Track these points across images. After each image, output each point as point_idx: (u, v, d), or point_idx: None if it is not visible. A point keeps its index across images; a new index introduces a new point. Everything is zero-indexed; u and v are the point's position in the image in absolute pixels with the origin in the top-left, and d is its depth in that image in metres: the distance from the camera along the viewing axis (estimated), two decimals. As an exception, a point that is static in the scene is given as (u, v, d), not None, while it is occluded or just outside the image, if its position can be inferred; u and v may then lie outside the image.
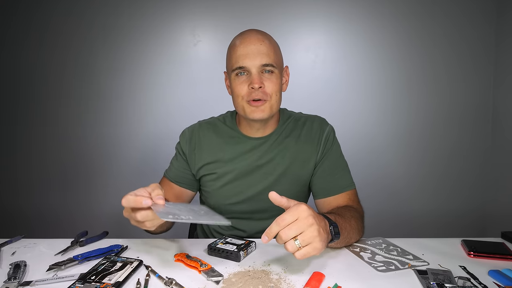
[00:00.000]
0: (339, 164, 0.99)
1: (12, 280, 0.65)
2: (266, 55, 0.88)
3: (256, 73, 0.87)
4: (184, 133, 1.04)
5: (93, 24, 1.88)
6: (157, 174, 1.18)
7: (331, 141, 1.00)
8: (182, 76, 1.91)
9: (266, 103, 0.89)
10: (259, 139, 0.98)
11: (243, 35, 0.92)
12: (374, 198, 1.92)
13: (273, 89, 0.89)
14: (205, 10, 1.87)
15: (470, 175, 1.91)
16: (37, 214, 1.99)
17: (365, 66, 1.89)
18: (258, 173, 0.97)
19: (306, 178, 1.00)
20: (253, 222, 1.01)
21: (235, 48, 0.90)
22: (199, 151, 1.00)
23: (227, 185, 0.98)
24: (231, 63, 0.91)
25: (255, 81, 0.86)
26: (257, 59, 0.87)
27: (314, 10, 1.85)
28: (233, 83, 0.91)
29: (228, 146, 0.99)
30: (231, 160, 0.98)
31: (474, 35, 1.85)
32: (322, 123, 1.02)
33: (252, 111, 0.90)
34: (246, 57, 0.87)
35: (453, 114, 1.89)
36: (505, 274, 0.69)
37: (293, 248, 0.61)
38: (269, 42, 0.90)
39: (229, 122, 1.03)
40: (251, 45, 0.88)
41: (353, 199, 0.95)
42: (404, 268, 0.72)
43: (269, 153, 0.98)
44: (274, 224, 0.62)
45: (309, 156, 0.98)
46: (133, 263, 0.71)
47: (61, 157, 1.96)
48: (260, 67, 0.88)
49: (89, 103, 1.93)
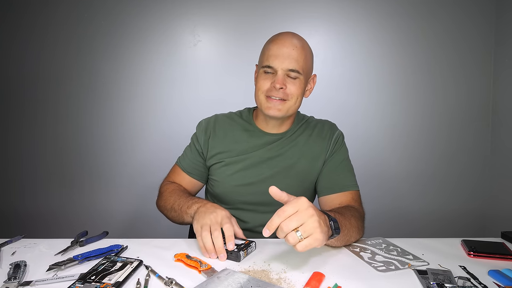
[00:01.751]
0: (344, 165, 1.03)
1: (12, 280, 0.65)
2: (295, 61, 0.91)
3: (281, 75, 0.91)
4: (200, 123, 1.09)
5: (93, 24, 1.88)
6: (157, 174, 1.18)
7: (340, 143, 1.05)
8: (182, 76, 1.91)
9: (285, 103, 0.93)
10: (274, 135, 1.02)
11: (280, 36, 0.95)
12: (374, 198, 1.92)
13: (294, 92, 0.93)
14: (205, 10, 1.87)
15: (470, 175, 1.91)
16: (37, 214, 1.99)
17: (365, 67, 1.89)
18: (267, 166, 1.01)
19: (314, 176, 1.02)
20: (257, 214, 1.02)
21: (270, 46, 0.94)
22: (213, 140, 1.04)
23: (235, 174, 1.01)
24: (262, 59, 0.96)
25: (278, 81, 0.91)
26: (285, 63, 0.91)
27: (314, 10, 1.86)
28: (259, 77, 0.96)
29: (242, 138, 1.03)
30: (243, 151, 1.02)
31: (474, 35, 1.85)
32: (333, 126, 1.09)
33: (268, 107, 0.94)
34: (276, 58, 0.91)
35: (454, 114, 1.89)
36: (505, 274, 0.69)
37: (295, 240, 0.61)
38: (302, 49, 0.93)
39: (246, 117, 1.08)
40: (284, 48, 0.91)
41: (356, 199, 0.96)
42: (404, 268, 0.72)
43: (280, 148, 1.02)
44: (275, 216, 0.62)
45: (319, 153, 1.02)
46: (133, 263, 0.71)
47: (61, 157, 1.96)
48: (286, 70, 0.91)
49: (89, 103, 1.93)
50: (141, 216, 1.94)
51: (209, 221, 0.79)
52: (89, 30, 1.89)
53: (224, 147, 1.03)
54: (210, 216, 0.80)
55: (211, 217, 0.80)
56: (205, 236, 0.76)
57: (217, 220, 0.79)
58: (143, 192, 1.91)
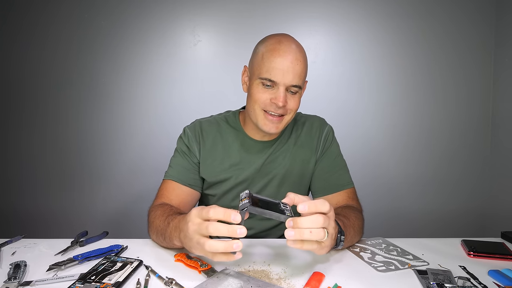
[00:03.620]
0: (337, 163, 1.00)
1: (12, 280, 0.65)
2: (298, 77, 0.85)
3: (282, 91, 0.85)
4: (185, 132, 1.00)
5: (93, 24, 1.88)
6: (157, 174, 1.17)
7: (330, 140, 1.01)
8: (182, 76, 1.91)
9: (283, 119, 0.89)
10: (265, 143, 0.98)
11: (282, 46, 0.85)
12: (375, 198, 1.92)
13: (294, 107, 0.88)
14: (205, 10, 1.87)
15: (470, 175, 1.91)
16: (37, 214, 1.99)
17: (365, 67, 1.89)
18: (261, 176, 0.98)
19: (308, 178, 1.01)
20: (258, 221, 1.01)
21: (270, 56, 0.84)
22: (203, 150, 0.97)
23: (232, 190, 0.98)
24: (260, 69, 0.86)
25: (280, 99, 0.84)
26: (289, 78, 0.84)
27: (314, 11, 1.86)
28: (255, 88, 0.88)
29: (234, 147, 0.98)
30: (236, 163, 0.97)
31: (474, 36, 1.85)
32: (321, 123, 1.03)
33: (265, 123, 0.88)
34: (279, 72, 0.83)
35: (453, 114, 1.89)
36: (505, 274, 0.69)
37: (321, 236, 0.57)
38: (304, 61, 0.87)
39: (233, 122, 1.01)
40: (287, 62, 0.83)
41: (352, 197, 0.96)
42: (404, 268, 0.72)
43: (272, 156, 0.98)
44: (312, 204, 0.58)
45: (309, 155, 0.99)
46: (133, 263, 0.71)
47: (61, 157, 1.96)
48: (289, 86, 0.85)
49: (89, 103, 1.93)
50: (141, 216, 1.93)
51: (192, 232, 0.61)
52: (90, 30, 1.89)
53: (215, 157, 0.97)
54: (189, 228, 0.62)
55: (190, 228, 0.62)
56: (206, 244, 0.59)
57: (197, 221, 0.61)
58: (144, 192, 1.91)
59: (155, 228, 0.80)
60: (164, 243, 0.79)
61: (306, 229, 0.57)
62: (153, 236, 0.83)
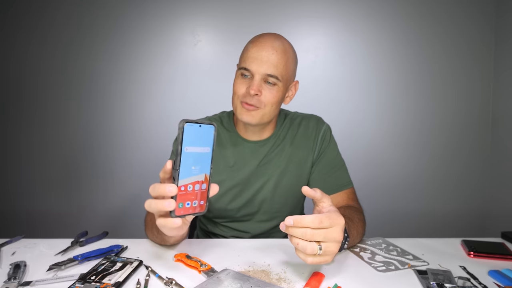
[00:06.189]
0: (336, 163, 0.99)
1: (12, 280, 0.64)
2: (274, 66, 0.84)
3: (257, 80, 0.85)
4: None
5: (94, 24, 1.88)
6: (157, 174, 1.17)
7: (328, 140, 0.99)
8: (183, 76, 1.91)
9: (258, 111, 0.87)
10: (258, 143, 0.97)
11: (261, 38, 0.88)
12: (375, 198, 1.92)
13: (270, 100, 0.86)
14: (205, 10, 1.87)
15: (470, 175, 1.91)
16: (37, 214, 1.99)
17: (365, 67, 1.89)
18: (258, 178, 0.96)
19: (305, 178, 0.99)
20: (255, 223, 1.00)
21: (249, 47, 0.88)
22: None
23: (227, 192, 0.97)
24: (240, 60, 0.90)
25: (253, 88, 0.84)
26: (264, 67, 0.84)
27: (314, 11, 1.86)
28: (235, 80, 0.91)
29: (227, 148, 0.97)
30: (231, 164, 0.96)
31: (474, 36, 1.85)
32: (318, 122, 1.01)
33: (242, 112, 0.88)
34: (254, 61, 0.85)
35: (453, 114, 1.89)
36: (505, 274, 0.69)
37: (312, 251, 0.56)
38: (283, 53, 0.86)
39: (227, 124, 1.01)
40: (263, 51, 0.84)
41: (352, 197, 0.95)
42: (404, 268, 0.72)
43: (267, 157, 0.97)
44: (309, 220, 0.56)
45: (306, 156, 0.98)
46: (133, 263, 0.71)
47: (61, 158, 1.96)
48: (264, 75, 0.85)
49: (89, 103, 1.93)
50: (141, 216, 1.94)
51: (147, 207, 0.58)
52: (90, 30, 1.89)
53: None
54: None
55: None
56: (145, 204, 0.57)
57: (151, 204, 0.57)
58: (143, 193, 1.91)
59: (149, 224, 0.83)
60: (158, 238, 0.80)
61: (296, 238, 0.57)
62: (149, 234, 0.85)
